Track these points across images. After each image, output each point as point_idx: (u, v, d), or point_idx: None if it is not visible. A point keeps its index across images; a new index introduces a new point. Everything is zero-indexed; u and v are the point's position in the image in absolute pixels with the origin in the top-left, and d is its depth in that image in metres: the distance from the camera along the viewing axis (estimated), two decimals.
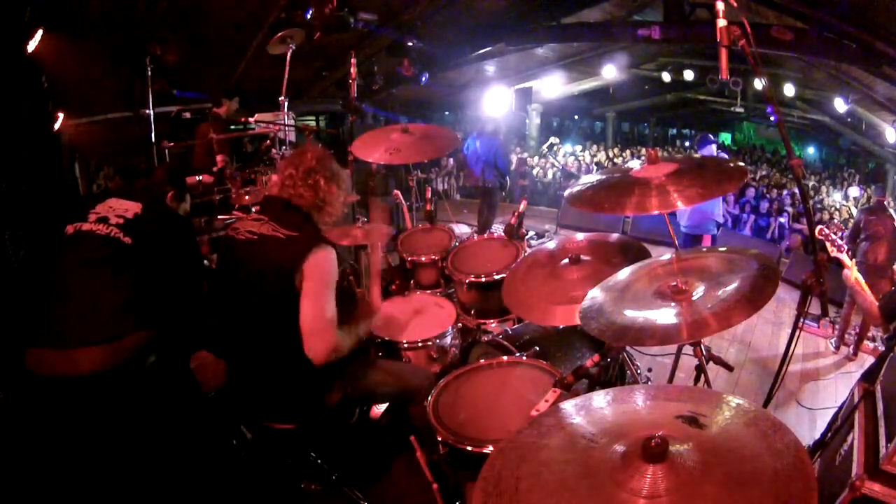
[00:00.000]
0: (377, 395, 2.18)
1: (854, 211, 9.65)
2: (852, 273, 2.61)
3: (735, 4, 1.61)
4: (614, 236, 2.40)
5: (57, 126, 3.58)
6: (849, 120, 10.53)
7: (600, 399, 1.21)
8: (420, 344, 2.48)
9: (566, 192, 1.91)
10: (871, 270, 4.78)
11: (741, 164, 1.86)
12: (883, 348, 3.47)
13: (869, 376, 2.56)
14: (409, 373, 2.25)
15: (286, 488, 2.09)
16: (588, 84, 11.67)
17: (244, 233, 1.91)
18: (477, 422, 1.73)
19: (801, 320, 1.67)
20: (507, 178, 6.94)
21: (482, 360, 2.06)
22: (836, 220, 6.90)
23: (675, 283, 1.56)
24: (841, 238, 2.73)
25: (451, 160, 11.70)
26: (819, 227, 2.69)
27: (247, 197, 4.05)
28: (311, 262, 1.80)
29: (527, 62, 9.56)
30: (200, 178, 4.22)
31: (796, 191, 9.22)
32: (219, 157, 4.48)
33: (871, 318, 2.60)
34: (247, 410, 2.06)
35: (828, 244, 2.73)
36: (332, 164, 2.01)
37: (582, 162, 13.08)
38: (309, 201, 1.94)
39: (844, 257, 2.63)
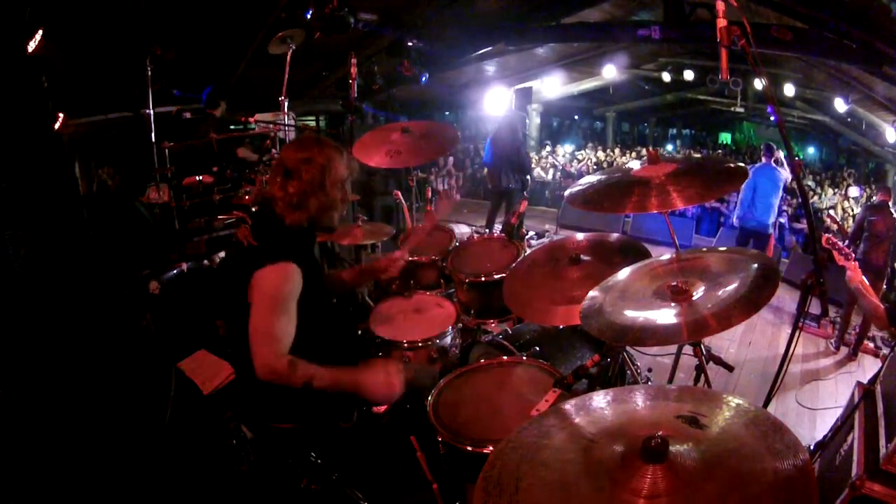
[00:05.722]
0: None
1: (855, 210, 9.66)
2: (857, 275, 2.58)
3: (735, 4, 1.61)
4: (614, 236, 2.40)
5: (57, 126, 3.58)
6: (849, 120, 10.53)
7: (600, 399, 1.21)
8: (420, 344, 2.48)
9: (566, 192, 1.91)
10: (870, 270, 4.78)
11: (741, 164, 1.87)
12: (885, 350, 3.47)
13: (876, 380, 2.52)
14: (411, 373, 2.25)
15: (286, 488, 2.09)
16: (588, 84, 11.67)
17: (236, 235, 1.93)
18: (477, 422, 1.73)
19: (801, 320, 1.67)
20: (530, 177, 6.69)
21: (482, 360, 2.06)
22: (833, 217, 6.86)
23: (675, 283, 1.56)
24: (848, 246, 2.72)
25: (451, 158, 11.70)
26: (825, 235, 2.68)
27: (247, 197, 4.06)
28: (256, 279, 1.73)
29: (527, 62, 9.56)
30: (200, 178, 4.24)
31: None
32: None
33: (878, 322, 2.57)
34: (247, 410, 2.06)
35: (834, 253, 2.71)
36: (303, 156, 1.84)
37: (583, 162, 13.08)
38: (280, 202, 1.86)
39: (851, 264, 2.61)
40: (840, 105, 7.69)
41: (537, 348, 2.19)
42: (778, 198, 6.11)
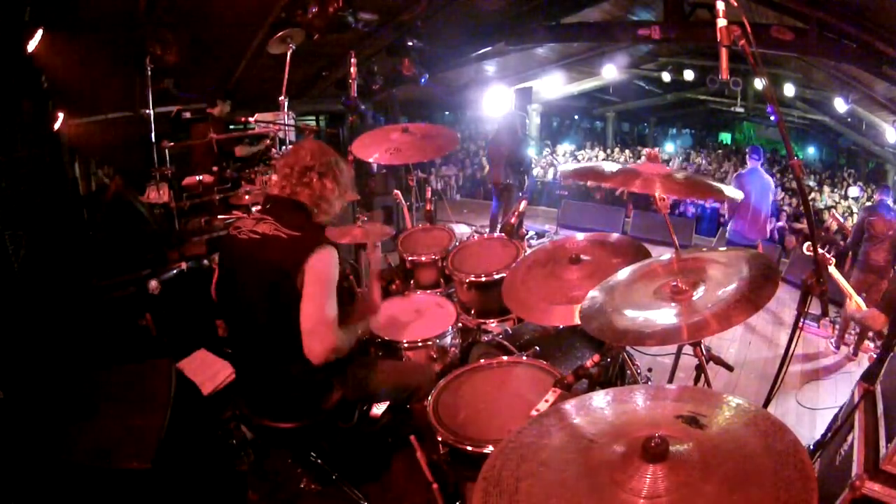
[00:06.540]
0: (377, 394, 2.18)
1: (856, 210, 9.65)
2: (852, 303, 2.57)
3: (735, 4, 1.60)
4: (614, 236, 2.40)
5: (57, 126, 3.58)
6: (849, 120, 10.52)
7: (600, 399, 1.21)
8: (420, 344, 2.49)
9: (560, 169, 1.93)
10: (873, 270, 4.78)
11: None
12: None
13: (868, 377, 2.55)
14: (409, 372, 2.25)
15: (287, 488, 2.10)
16: (588, 84, 11.66)
17: (246, 232, 1.90)
18: (477, 422, 1.73)
19: (801, 320, 1.67)
20: (528, 176, 6.91)
21: (482, 360, 2.06)
22: (835, 214, 6.73)
23: (675, 283, 1.56)
24: (828, 251, 2.73)
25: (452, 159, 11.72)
26: (806, 243, 2.70)
27: (247, 197, 4.05)
28: (310, 264, 1.79)
29: (527, 62, 9.55)
30: (200, 178, 4.23)
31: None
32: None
33: (877, 323, 2.54)
34: (247, 410, 2.06)
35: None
36: (328, 159, 1.98)
37: (582, 162, 13.09)
38: (307, 199, 1.94)
39: (844, 282, 2.61)
40: (840, 105, 7.68)
41: (537, 348, 2.19)
42: (768, 209, 5.64)
